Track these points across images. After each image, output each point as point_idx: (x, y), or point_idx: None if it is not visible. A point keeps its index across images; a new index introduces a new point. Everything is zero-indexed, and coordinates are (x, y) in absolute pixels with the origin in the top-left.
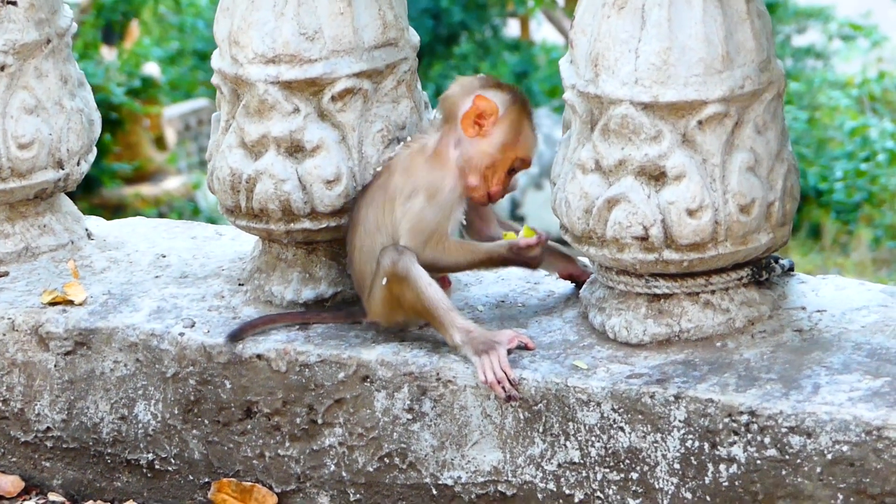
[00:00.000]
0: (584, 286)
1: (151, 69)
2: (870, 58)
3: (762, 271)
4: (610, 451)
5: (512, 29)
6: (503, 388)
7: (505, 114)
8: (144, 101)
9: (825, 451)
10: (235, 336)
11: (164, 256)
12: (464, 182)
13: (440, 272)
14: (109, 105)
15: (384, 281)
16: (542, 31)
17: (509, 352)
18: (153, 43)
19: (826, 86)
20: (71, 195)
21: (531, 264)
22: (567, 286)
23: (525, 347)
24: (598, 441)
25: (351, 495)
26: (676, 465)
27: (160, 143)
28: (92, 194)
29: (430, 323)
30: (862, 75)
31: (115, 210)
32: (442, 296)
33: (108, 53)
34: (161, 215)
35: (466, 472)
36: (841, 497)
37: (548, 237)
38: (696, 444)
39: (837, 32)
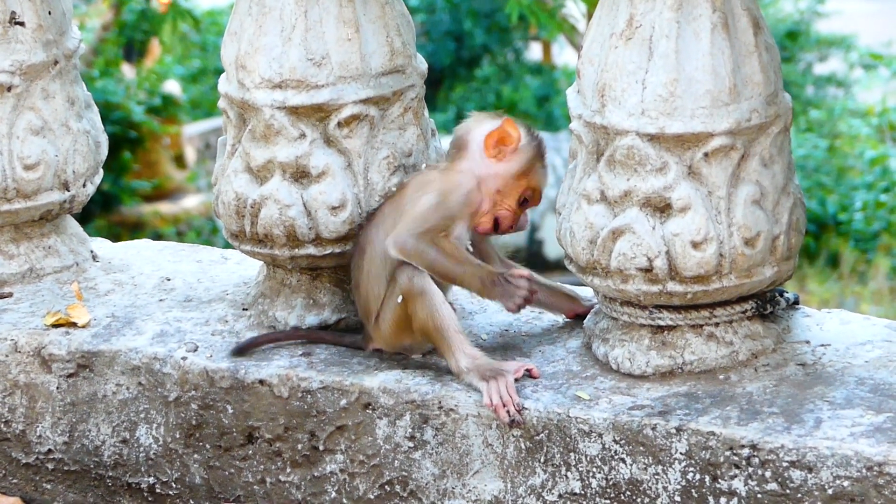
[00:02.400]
0: (588, 317)
1: (172, 87)
2: (890, 87)
3: (766, 304)
4: (611, 483)
5: (534, 52)
6: (507, 412)
7: (525, 145)
8: (165, 119)
9: (826, 486)
10: (240, 351)
11: (169, 280)
12: (479, 196)
13: (425, 271)
14: (129, 123)
15: (399, 299)
16: (565, 56)
17: (515, 380)
18: (175, 61)
19: (847, 114)
20: (89, 213)
21: (508, 303)
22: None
23: (530, 375)
24: (600, 472)
25: None
26: (677, 498)
27: (180, 161)
28: (111, 212)
29: (436, 345)
30: (882, 104)
31: (133, 228)
32: (454, 318)
33: (129, 71)
34: (179, 234)
35: (467, 501)
36: None
37: (534, 284)
38: (697, 476)
39: (859, 61)
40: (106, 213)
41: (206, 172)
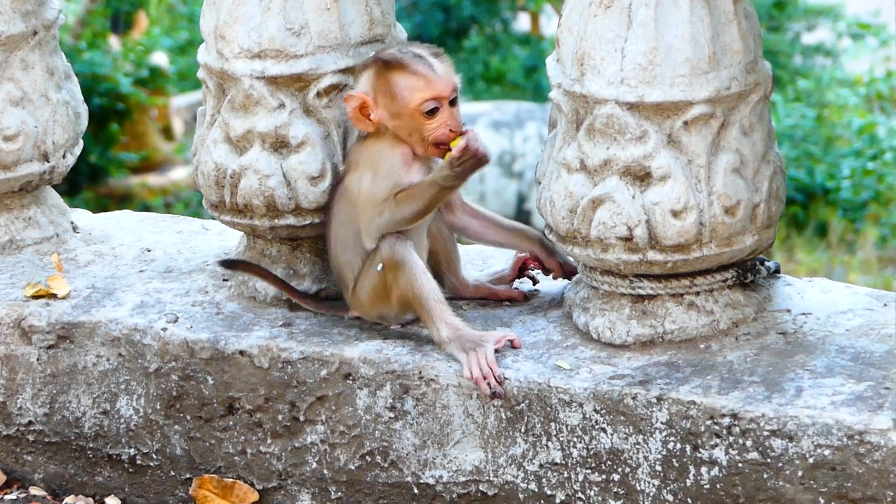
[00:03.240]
0: (569, 286)
1: (160, 59)
2: (878, 56)
3: (747, 273)
4: (591, 453)
5: (522, 23)
6: (489, 384)
7: (376, 88)
8: (152, 91)
9: (807, 455)
10: (227, 264)
11: (150, 251)
12: (405, 148)
13: (411, 226)
14: (117, 95)
15: (379, 267)
16: (553, 26)
17: (496, 351)
18: (163, 33)
19: (834, 84)
20: (77, 185)
21: (480, 161)
22: (553, 286)
23: (512, 345)
24: (580, 442)
25: (332, 493)
26: (658, 467)
27: (168, 133)
28: (99, 184)
29: (418, 315)
30: (870, 74)
31: (121, 200)
32: (435, 287)
33: (116, 43)
34: (167, 205)
35: (448, 472)
36: (822, 501)
37: (475, 134)
38: (678, 446)
39: (846, 31)
40: (94, 185)
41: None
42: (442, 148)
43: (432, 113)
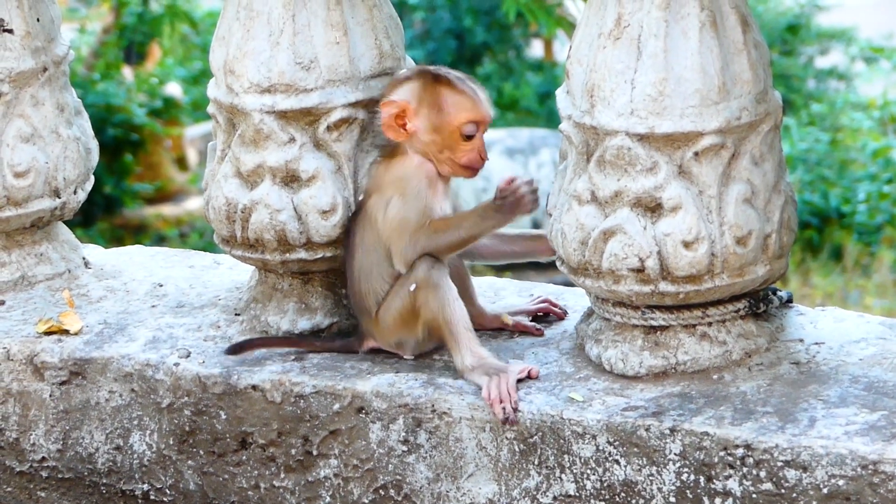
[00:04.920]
0: (581, 318)
1: (173, 90)
2: (892, 80)
3: (759, 303)
4: (605, 485)
5: (535, 49)
6: (503, 408)
7: (421, 98)
8: (166, 121)
9: (821, 486)
10: (233, 351)
11: (161, 286)
12: (430, 166)
13: (447, 255)
14: (131, 126)
15: (413, 287)
16: (566, 52)
17: (518, 381)
18: (176, 63)
19: (848, 107)
20: (91, 216)
21: (522, 205)
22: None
23: (529, 376)
24: (594, 474)
25: None
26: (672, 499)
27: (181, 163)
28: (113, 215)
29: (445, 340)
30: (884, 97)
31: (136, 230)
32: (465, 315)
33: (129, 74)
34: (182, 236)
35: None
36: None
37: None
38: (692, 477)
39: (860, 54)
40: (108, 216)
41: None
42: (468, 171)
43: (470, 136)
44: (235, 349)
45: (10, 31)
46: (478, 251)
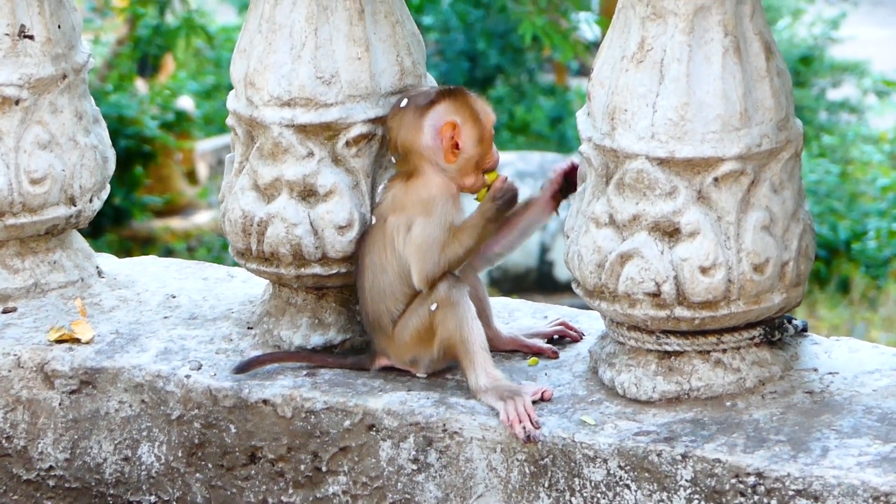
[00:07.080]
0: (595, 341)
1: (185, 103)
2: None
3: (775, 331)
4: None
5: (548, 73)
6: (523, 427)
7: (462, 114)
8: (178, 134)
9: None
10: (242, 369)
11: (174, 297)
12: (455, 185)
13: (462, 263)
14: (142, 138)
15: (434, 306)
16: (579, 77)
17: (533, 402)
18: (189, 77)
19: (859, 140)
20: (100, 227)
21: (515, 194)
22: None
23: (542, 398)
24: (604, 498)
25: None
26: None
27: (192, 177)
28: (122, 227)
29: (460, 359)
30: (895, 131)
31: (144, 243)
32: (482, 335)
33: (143, 86)
34: (190, 249)
35: None
36: None
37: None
38: None
39: (872, 88)
40: (117, 228)
41: (217, 189)
42: (483, 179)
43: (488, 170)
44: (244, 367)
45: (31, 38)
46: (489, 247)
